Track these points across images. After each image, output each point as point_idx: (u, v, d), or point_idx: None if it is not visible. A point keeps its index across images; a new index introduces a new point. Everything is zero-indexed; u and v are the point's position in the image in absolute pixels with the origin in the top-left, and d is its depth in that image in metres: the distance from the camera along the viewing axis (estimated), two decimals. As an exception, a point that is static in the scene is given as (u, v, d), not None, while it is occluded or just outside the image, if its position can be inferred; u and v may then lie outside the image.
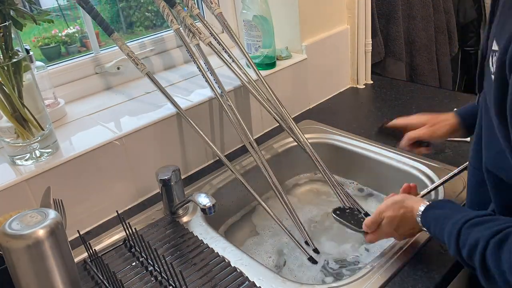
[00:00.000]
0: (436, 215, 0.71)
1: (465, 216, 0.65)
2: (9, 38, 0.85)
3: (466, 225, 0.63)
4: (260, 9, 1.24)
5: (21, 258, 0.63)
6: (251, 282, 0.79)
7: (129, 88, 1.25)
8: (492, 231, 0.59)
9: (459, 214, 0.67)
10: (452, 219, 0.66)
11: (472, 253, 0.61)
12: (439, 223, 0.69)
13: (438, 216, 0.70)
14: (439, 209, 0.71)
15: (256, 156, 1.06)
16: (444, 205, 0.72)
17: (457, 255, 0.64)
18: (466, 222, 0.64)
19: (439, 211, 0.71)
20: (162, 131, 1.07)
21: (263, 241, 1.07)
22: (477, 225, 0.62)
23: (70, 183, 0.95)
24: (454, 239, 0.64)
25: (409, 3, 1.74)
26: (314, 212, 1.14)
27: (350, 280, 0.78)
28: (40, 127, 0.92)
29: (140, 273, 0.84)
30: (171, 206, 0.98)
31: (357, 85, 1.54)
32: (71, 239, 0.90)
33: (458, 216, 0.66)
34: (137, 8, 1.44)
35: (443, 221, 0.68)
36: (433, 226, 0.70)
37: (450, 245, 0.65)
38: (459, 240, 0.63)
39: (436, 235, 0.70)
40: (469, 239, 0.62)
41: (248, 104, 1.24)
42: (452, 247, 0.65)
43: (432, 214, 0.71)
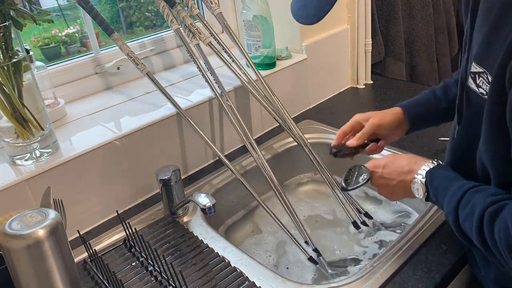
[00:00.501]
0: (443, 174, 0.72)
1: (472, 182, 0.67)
2: (9, 38, 0.85)
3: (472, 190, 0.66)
4: (260, 9, 1.24)
5: (21, 258, 0.63)
6: (251, 282, 0.79)
7: (129, 88, 1.25)
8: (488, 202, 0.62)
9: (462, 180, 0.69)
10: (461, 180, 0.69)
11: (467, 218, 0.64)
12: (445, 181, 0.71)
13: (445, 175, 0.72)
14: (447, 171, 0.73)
15: (256, 156, 1.06)
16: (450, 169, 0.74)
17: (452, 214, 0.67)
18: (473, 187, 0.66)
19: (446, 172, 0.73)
20: (162, 131, 1.07)
21: (263, 241, 1.07)
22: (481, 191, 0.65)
23: (70, 183, 0.95)
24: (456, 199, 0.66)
25: (409, 3, 1.74)
26: (314, 212, 1.14)
27: (350, 280, 0.78)
28: (40, 127, 0.92)
29: (140, 273, 0.84)
30: (171, 206, 0.98)
31: (357, 85, 1.54)
32: (71, 239, 0.90)
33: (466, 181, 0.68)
34: (137, 8, 1.44)
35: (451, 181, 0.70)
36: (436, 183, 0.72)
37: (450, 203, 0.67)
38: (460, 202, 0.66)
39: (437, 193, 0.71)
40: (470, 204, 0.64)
41: (248, 104, 1.24)
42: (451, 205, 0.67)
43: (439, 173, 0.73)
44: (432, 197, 0.73)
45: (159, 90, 1.08)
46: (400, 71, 1.75)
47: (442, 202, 0.70)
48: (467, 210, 0.64)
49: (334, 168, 1.16)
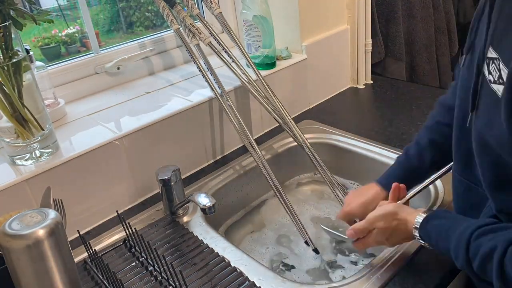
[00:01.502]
0: (437, 227, 0.68)
1: (471, 226, 0.62)
2: (9, 38, 0.85)
3: (475, 234, 0.61)
4: (260, 9, 1.24)
5: (21, 258, 0.63)
6: (251, 282, 0.79)
7: (129, 88, 1.25)
8: (508, 238, 0.57)
9: (463, 223, 0.64)
10: (457, 229, 0.64)
11: (486, 262, 0.58)
12: (442, 234, 0.66)
13: (440, 227, 0.67)
14: (440, 219, 0.68)
15: (256, 156, 1.06)
16: (443, 215, 0.70)
17: (466, 266, 0.62)
18: (474, 231, 0.61)
19: (439, 222, 0.68)
20: (162, 131, 1.07)
21: (263, 241, 1.07)
22: (488, 233, 0.60)
23: (70, 183, 0.95)
24: (463, 251, 0.61)
25: (409, 3, 1.74)
26: (314, 212, 1.14)
27: (350, 280, 0.78)
28: (40, 127, 0.92)
29: (140, 273, 0.84)
30: (171, 206, 0.98)
31: (357, 85, 1.54)
32: (71, 239, 0.90)
33: (463, 225, 0.63)
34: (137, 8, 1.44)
35: (446, 233, 0.65)
36: (434, 237, 0.68)
37: (458, 257, 0.62)
38: (469, 251, 0.61)
39: (439, 247, 0.67)
40: (481, 249, 0.59)
41: (248, 104, 1.24)
42: (460, 259, 0.62)
43: (432, 226, 0.69)
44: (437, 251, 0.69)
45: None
46: (400, 71, 1.75)
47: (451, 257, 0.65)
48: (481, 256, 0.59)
49: (334, 168, 1.16)
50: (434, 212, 0.71)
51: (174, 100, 1.14)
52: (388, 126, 1.26)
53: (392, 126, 1.25)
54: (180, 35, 1.14)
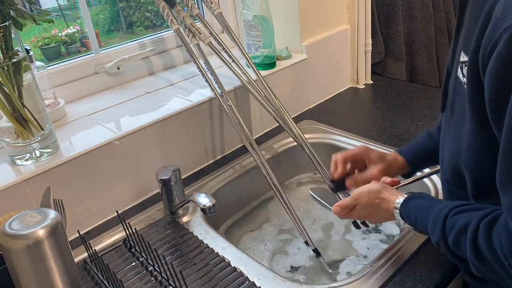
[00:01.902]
0: (417, 205, 0.71)
1: (450, 204, 0.65)
2: (9, 38, 0.85)
3: (453, 212, 0.64)
4: (260, 9, 1.24)
5: (21, 258, 0.63)
6: (251, 282, 0.79)
7: (129, 88, 1.25)
8: (481, 214, 0.60)
9: (442, 203, 0.67)
10: (435, 207, 0.67)
11: (460, 237, 0.61)
12: (421, 212, 0.69)
13: (421, 205, 0.70)
14: (420, 200, 0.71)
15: (256, 156, 1.06)
16: (424, 195, 0.73)
17: (442, 242, 0.65)
18: (453, 209, 0.64)
19: (421, 201, 0.71)
20: (162, 131, 1.07)
21: (263, 241, 1.07)
22: (464, 211, 0.63)
23: (70, 183, 0.95)
24: (439, 226, 0.64)
25: (409, 3, 1.74)
26: (314, 212, 1.14)
27: (350, 280, 0.78)
28: (40, 127, 0.92)
29: (140, 273, 0.84)
30: (171, 206, 0.98)
31: (357, 85, 1.54)
32: (71, 239, 0.90)
33: (442, 204, 0.66)
34: (137, 8, 1.44)
35: (426, 210, 0.68)
36: (414, 215, 0.70)
37: (435, 232, 0.65)
38: (445, 226, 0.64)
39: (417, 224, 0.70)
40: (456, 224, 0.62)
41: (248, 104, 1.24)
42: (436, 234, 0.65)
43: (413, 204, 0.71)
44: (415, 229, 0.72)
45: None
46: (400, 71, 1.75)
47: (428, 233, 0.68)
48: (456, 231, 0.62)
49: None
50: (415, 193, 0.74)
51: (174, 100, 1.14)
52: (388, 126, 1.26)
53: (392, 126, 1.25)
54: (180, 35, 1.14)
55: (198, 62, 1.12)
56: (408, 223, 0.72)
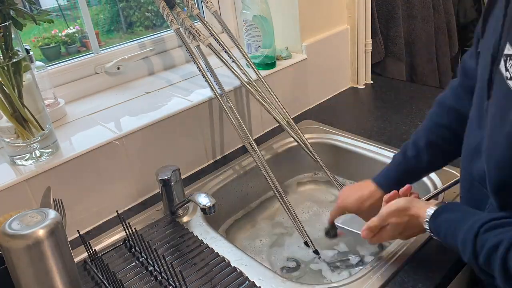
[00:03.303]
0: (447, 220, 0.68)
1: (480, 219, 0.62)
2: (9, 38, 0.85)
3: (484, 228, 0.61)
4: (260, 9, 1.24)
5: (21, 258, 0.63)
6: (251, 282, 0.79)
7: (129, 88, 1.25)
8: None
9: (472, 217, 0.64)
10: (466, 223, 0.64)
11: (491, 256, 0.59)
12: (451, 227, 0.66)
13: (450, 220, 0.67)
14: (449, 213, 0.68)
15: (256, 156, 1.06)
16: (454, 207, 0.69)
17: (473, 260, 0.62)
18: (483, 225, 0.61)
19: (449, 215, 0.68)
20: (162, 131, 1.07)
21: (263, 240, 1.07)
22: (496, 228, 0.60)
23: (70, 183, 0.95)
24: (470, 244, 0.61)
25: (409, 3, 1.74)
26: (314, 212, 1.14)
27: (350, 280, 0.78)
28: (40, 127, 0.92)
29: (140, 273, 0.84)
30: (171, 206, 0.98)
31: (357, 85, 1.54)
32: (71, 239, 0.90)
33: (473, 219, 0.64)
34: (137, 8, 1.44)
35: (456, 226, 0.65)
36: (443, 231, 0.68)
37: (466, 250, 0.63)
38: (476, 244, 0.61)
39: (448, 240, 0.68)
40: (488, 243, 0.59)
41: (248, 104, 1.24)
42: (468, 252, 0.62)
43: (442, 219, 0.69)
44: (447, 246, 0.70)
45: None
46: (400, 71, 1.75)
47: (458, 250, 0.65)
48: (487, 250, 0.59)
49: (334, 168, 1.16)
50: (444, 205, 0.71)
51: (174, 100, 1.14)
52: (388, 126, 1.26)
53: (392, 126, 1.25)
54: (180, 35, 1.14)
55: (198, 62, 1.12)
56: (438, 237, 0.70)
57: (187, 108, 1.10)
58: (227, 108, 1.09)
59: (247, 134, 1.07)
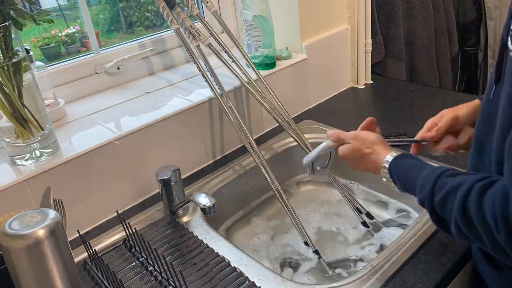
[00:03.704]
0: (410, 163, 0.70)
1: (445, 167, 0.64)
2: (9, 38, 0.85)
3: (447, 173, 0.63)
4: (260, 9, 1.24)
5: (21, 258, 0.63)
6: (251, 282, 0.79)
7: (129, 88, 1.25)
8: (477, 177, 0.59)
9: (437, 167, 0.66)
10: (429, 168, 0.66)
11: (449, 196, 0.60)
12: (412, 170, 0.68)
13: (413, 164, 0.69)
14: (415, 159, 0.71)
15: (256, 156, 1.06)
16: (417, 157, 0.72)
17: (427, 200, 0.63)
18: (447, 171, 0.63)
19: (414, 161, 0.70)
20: (162, 131, 1.07)
21: (263, 241, 1.07)
22: (459, 174, 0.62)
23: (70, 183, 0.95)
24: (430, 183, 0.63)
25: (409, 3, 1.74)
26: (314, 212, 1.14)
27: (350, 280, 0.78)
28: (40, 127, 0.92)
29: (140, 273, 0.84)
30: (171, 206, 0.98)
31: (357, 85, 1.54)
32: (71, 239, 0.90)
33: (436, 167, 0.66)
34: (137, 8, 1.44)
35: (418, 168, 0.67)
36: (403, 172, 0.70)
37: (423, 189, 0.64)
38: (435, 185, 0.62)
39: (405, 181, 0.69)
40: (448, 184, 0.61)
41: (248, 104, 1.24)
42: (424, 191, 0.64)
43: (405, 162, 0.71)
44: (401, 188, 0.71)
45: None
46: (400, 71, 1.75)
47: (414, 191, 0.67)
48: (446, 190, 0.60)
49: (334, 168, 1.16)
50: (409, 154, 0.74)
51: (174, 100, 1.14)
52: (388, 126, 1.26)
53: (392, 126, 1.25)
54: (180, 35, 1.14)
55: (198, 62, 1.12)
56: (395, 178, 0.71)
57: (187, 108, 1.10)
58: (227, 108, 1.09)
59: (247, 134, 1.07)
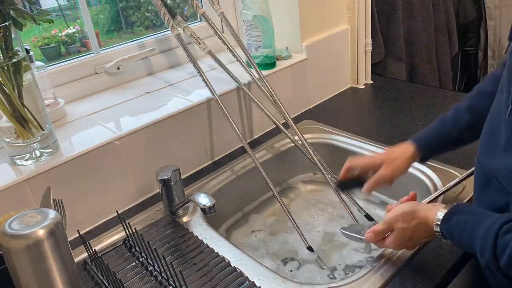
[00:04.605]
0: (460, 222, 0.64)
1: (499, 220, 0.59)
2: (9, 38, 0.85)
3: (504, 229, 0.58)
4: (260, 9, 1.24)
5: (21, 258, 0.63)
6: (251, 282, 0.79)
7: (129, 88, 1.25)
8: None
9: (488, 218, 0.61)
10: (482, 224, 0.60)
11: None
12: (466, 230, 0.63)
13: (464, 222, 0.64)
14: (462, 215, 0.65)
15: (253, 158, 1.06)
16: (466, 209, 0.66)
17: (492, 262, 0.59)
18: (503, 225, 0.58)
19: (463, 217, 0.65)
20: (162, 131, 1.07)
21: (263, 241, 1.07)
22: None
23: (70, 183, 0.95)
24: (490, 247, 0.58)
25: (409, 3, 1.74)
26: (314, 213, 1.14)
27: (350, 280, 0.78)
28: (40, 127, 0.92)
29: (140, 273, 0.84)
30: (171, 206, 0.98)
31: (357, 85, 1.54)
32: (71, 239, 0.90)
33: (490, 220, 0.60)
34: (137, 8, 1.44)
35: (471, 228, 0.62)
36: (458, 234, 0.64)
37: (484, 253, 0.59)
38: (496, 246, 0.58)
39: (463, 244, 0.65)
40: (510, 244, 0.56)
41: (249, 104, 1.24)
42: (486, 255, 0.59)
43: (455, 221, 0.65)
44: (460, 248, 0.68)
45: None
46: (400, 71, 1.75)
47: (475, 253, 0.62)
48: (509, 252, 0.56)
49: (334, 168, 1.16)
50: (456, 206, 0.67)
51: (174, 100, 1.14)
52: (388, 126, 1.26)
53: (392, 126, 1.25)
54: (180, 41, 1.14)
55: (197, 64, 1.12)
56: (451, 240, 0.67)
57: (187, 108, 1.10)
58: (226, 110, 1.09)
59: (241, 138, 1.07)
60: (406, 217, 0.71)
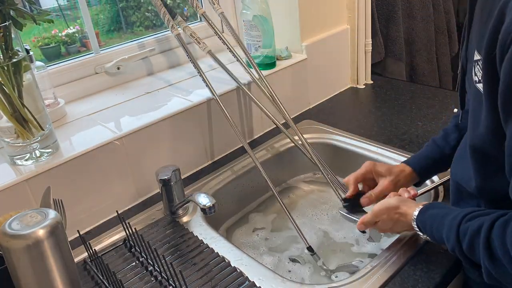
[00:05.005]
0: (432, 215, 0.73)
1: (463, 211, 0.66)
2: (9, 38, 0.85)
3: (466, 218, 0.65)
4: (260, 9, 1.24)
5: (21, 258, 0.63)
6: (251, 282, 0.79)
7: (129, 88, 1.25)
8: (495, 215, 0.61)
9: (456, 211, 0.68)
10: (449, 215, 0.68)
11: (474, 240, 0.62)
12: (436, 221, 0.71)
13: (435, 214, 0.72)
14: (434, 209, 0.73)
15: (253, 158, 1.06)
16: (439, 205, 0.74)
17: (456, 248, 0.65)
18: (466, 215, 0.65)
19: (435, 211, 0.73)
20: (162, 131, 1.07)
21: (263, 241, 1.07)
22: (478, 216, 0.64)
23: (70, 183, 0.95)
24: (454, 232, 0.65)
25: (409, 3, 1.74)
26: (313, 213, 1.14)
27: (350, 280, 0.78)
28: (40, 127, 0.92)
29: (140, 273, 0.84)
30: (171, 206, 0.98)
31: (357, 85, 1.54)
32: (71, 239, 0.90)
33: (456, 212, 0.68)
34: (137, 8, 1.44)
35: (441, 219, 0.70)
36: (429, 225, 0.72)
37: (449, 239, 0.66)
38: (459, 232, 0.65)
39: (433, 233, 0.71)
40: (469, 229, 0.63)
41: (249, 104, 1.24)
42: (451, 241, 0.66)
43: (428, 214, 0.73)
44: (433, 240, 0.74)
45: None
46: (400, 71, 1.75)
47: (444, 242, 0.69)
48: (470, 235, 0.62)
49: (334, 168, 1.16)
50: (432, 204, 0.76)
51: (174, 100, 1.14)
52: (388, 126, 1.26)
53: (392, 126, 1.25)
54: (180, 41, 1.14)
55: (197, 65, 1.12)
56: (425, 233, 0.74)
57: (187, 108, 1.10)
58: (226, 110, 1.09)
59: (241, 138, 1.07)
60: (390, 210, 0.80)
